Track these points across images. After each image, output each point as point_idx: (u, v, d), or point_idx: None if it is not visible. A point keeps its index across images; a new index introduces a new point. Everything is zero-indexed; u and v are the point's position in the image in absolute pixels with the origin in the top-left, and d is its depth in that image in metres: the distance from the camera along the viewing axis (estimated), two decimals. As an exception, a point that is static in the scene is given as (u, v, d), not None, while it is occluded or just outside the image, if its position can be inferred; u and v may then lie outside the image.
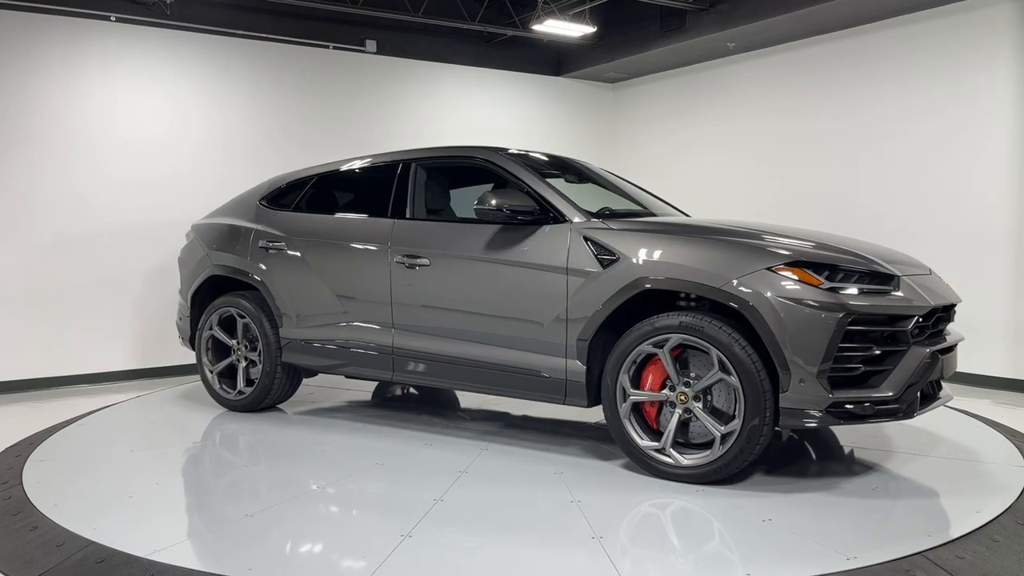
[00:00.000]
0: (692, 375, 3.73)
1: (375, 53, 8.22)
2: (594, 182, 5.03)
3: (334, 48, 7.99)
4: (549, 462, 4.13)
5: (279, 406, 5.46)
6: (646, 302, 3.85)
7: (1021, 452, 4.26)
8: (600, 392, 3.96)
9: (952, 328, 4.03)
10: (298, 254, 4.99)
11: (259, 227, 5.25)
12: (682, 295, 3.88)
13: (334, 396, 5.91)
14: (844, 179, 7.35)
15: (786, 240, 3.72)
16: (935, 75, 6.68)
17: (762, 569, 2.81)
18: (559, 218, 4.12)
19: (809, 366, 3.38)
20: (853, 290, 3.47)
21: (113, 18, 6.86)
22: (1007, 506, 3.38)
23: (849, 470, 4.00)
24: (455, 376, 4.43)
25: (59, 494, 3.68)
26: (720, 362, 3.57)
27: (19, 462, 4.23)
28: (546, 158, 5.01)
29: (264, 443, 4.63)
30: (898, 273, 3.63)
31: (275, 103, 7.66)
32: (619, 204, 4.71)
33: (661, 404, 3.83)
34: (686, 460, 3.70)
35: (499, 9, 8.61)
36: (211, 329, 5.37)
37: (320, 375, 5.57)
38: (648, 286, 3.74)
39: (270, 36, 7.62)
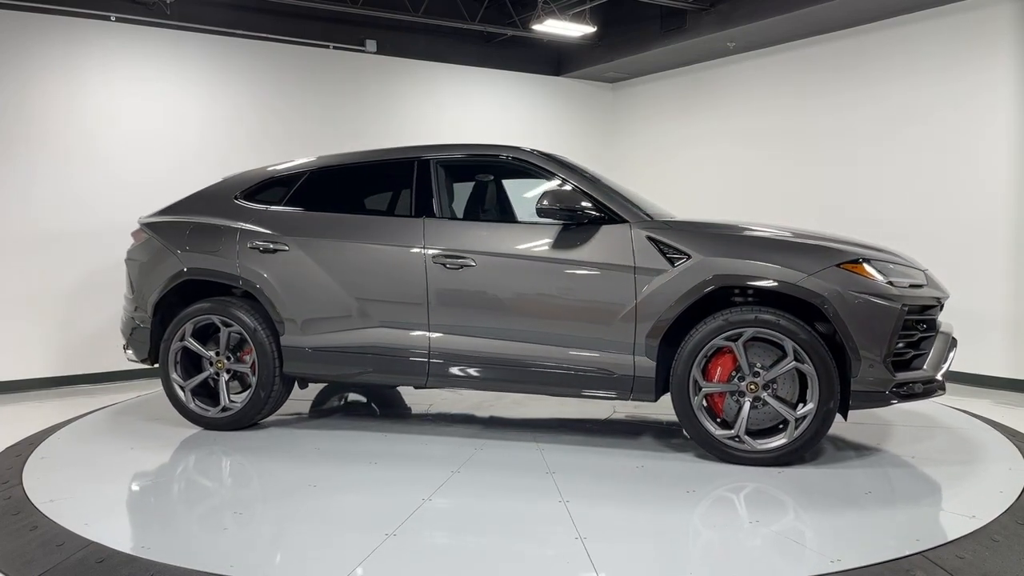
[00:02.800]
0: (758, 366, 3.93)
1: (375, 53, 8.22)
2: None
3: (334, 48, 7.99)
4: (619, 456, 4.17)
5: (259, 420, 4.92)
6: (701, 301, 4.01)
7: (1021, 452, 4.26)
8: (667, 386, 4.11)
9: (941, 318, 4.37)
10: (302, 254, 4.63)
11: (245, 226, 4.81)
12: (736, 291, 4.04)
13: (290, 405, 5.24)
14: (844, 178, 7.34)
15: (835, 241, 4.06)
16: (935, 75, 6.67)
17: (926, 534, 3.11)
18: (617, 217, 4.19)
19: (876, 353, 3.76)
20: (905, 284, 3.91)
21: (113, 18, 6.86)
22: (1007, 506, 3.38)
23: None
24: (505, 377, 4.33)
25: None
26: (795, 352, 3.82)
27: (19, 462, 4.22)
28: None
29: (275, 449, 4.56)
30: (925, 269, 4.15)
31: (275, 103, 7.65)
32: None
33: (725, 394, 4.00)
34: (764, 444, 3.92)
35: (499, 9, 8.61)
36: (183, 340, 4.79)
37: (309, 384, 5.14)
38: (723, 283, 3.90)
39: (270, 36, 7.62)
